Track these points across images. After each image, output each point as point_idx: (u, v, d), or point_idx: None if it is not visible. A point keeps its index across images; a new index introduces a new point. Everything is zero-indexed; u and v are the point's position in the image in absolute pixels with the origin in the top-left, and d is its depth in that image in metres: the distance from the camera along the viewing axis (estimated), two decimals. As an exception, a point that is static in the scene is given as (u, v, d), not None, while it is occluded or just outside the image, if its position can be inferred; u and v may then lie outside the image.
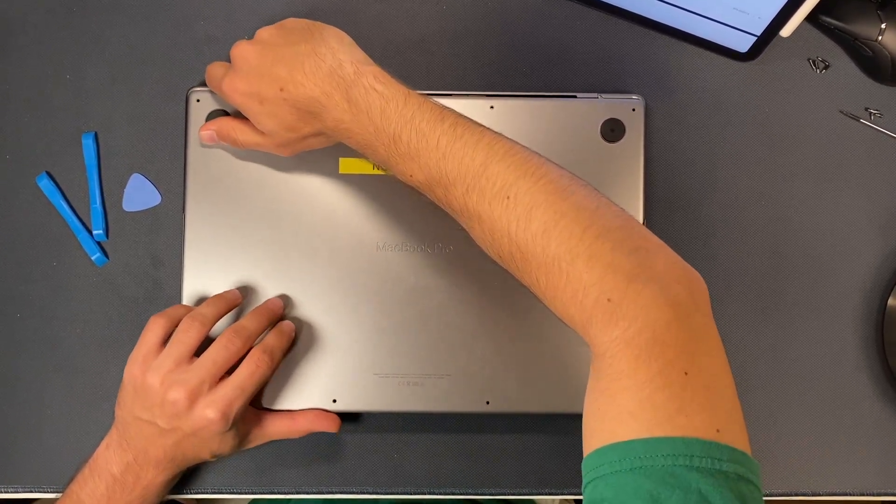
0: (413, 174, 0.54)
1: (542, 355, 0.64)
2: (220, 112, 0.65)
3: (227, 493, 0.68)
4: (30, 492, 0.68)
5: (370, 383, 0.63)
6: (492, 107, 0.65)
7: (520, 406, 0.64)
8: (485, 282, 0.64)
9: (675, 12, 0.67)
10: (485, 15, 0.71)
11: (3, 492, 0.68)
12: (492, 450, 0.68)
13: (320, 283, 0.64)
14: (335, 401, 0.63)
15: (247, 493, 0.68)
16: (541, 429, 0.67)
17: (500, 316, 0.64)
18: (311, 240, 0.64)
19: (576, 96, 0.66)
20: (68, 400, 0.68)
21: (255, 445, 0.64)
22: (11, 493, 0.68)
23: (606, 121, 0.65)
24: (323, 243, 0.64)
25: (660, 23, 0.69)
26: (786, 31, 0.65)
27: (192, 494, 0.67)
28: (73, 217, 0.68)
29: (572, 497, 0.70)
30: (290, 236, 0.64)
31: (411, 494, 0.68)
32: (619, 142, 0.65)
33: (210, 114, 0.65)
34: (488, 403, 0.64)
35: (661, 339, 0.45)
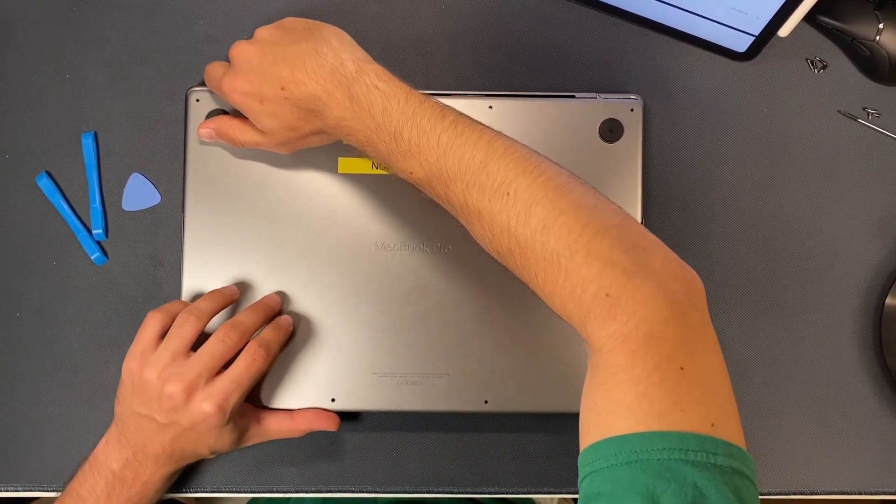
0: (413, 171, 0.55)
1: (540, 355, 0.64)
2: (220, 111, 0.65)
3: (227, 492, 0.68)
4: (29, 491, 0.68)
5: (369, 382, 0.64)
6: (490, 107, 0.65)
7: (518, 405, 0.64)
8: (484, 281, 0.64)
9: (673, 12, 0.67)
10: (484, 15, 0.71)
11: (3, 491, 0.68)
12: (490, 449, 0.68)
13: (319, 282, 0.64)
14: (334, 400, 0.64)
15: (246, 492, 0.68)
16: (539, 428, 0.67)
17: (499, 315, 0.64)
18: (310, 239, 0.65)
19: (574, 96, 0.66)
20: (68, 399, 0.68)
21: (254, 443, 0.64)
22: (11, 491, 0.68)
23: (605, 121, 0.65)
24: (322, 243, 0.64)
25: (658, 23, 0.69)
26: (784, 31, 0.65)
27: (191, 493, 0.68)
28: (73, 216, 0.69)
29: (571, 496, 0.70)
30: (290, 236, 0.65)
31: (410, 493, 0.68)
32: (618, 142, 0.65)
33: (209, 113, 0.65)
34: (487, 403, 0.64)
35: (658, 334, 0.46)
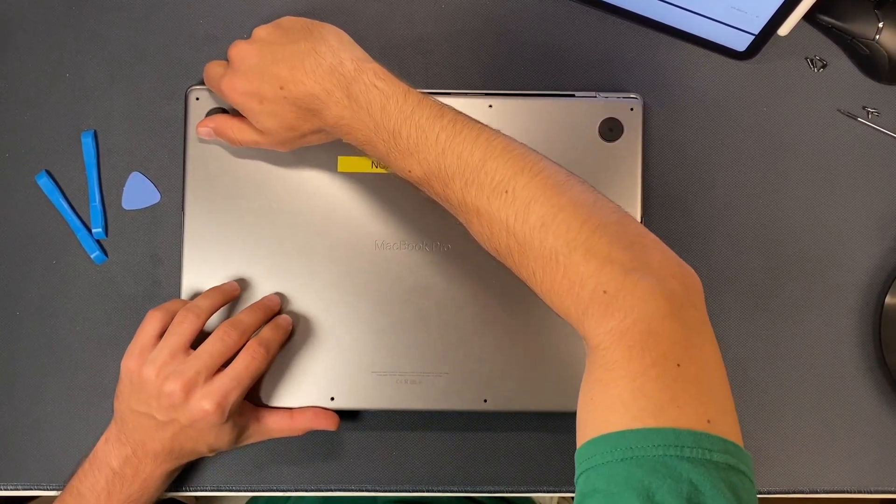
0: (412, 169, 0.55)
1: (539, 354, 0.64)
2: (219, 110, 0.65)
3: (226, 491, 0.68)
4: (29, 489, 0.68)
5: (368, 381, 0.64)
6: (490, 106, 0.65)
7: (517, 404, 0.64)
8: (483, 280, 0.64)
9: (673, 11, 0.67)
10: (483, 14, 0.71)
11: (3, 489, 0.68)
12: (490, 448, 0.68)
13: (319, 281, 0.64)
14: (333, 399, 0.64)
15: (245, 491, 0.68)
16: (538, 427, 0.67)
17: (498, 314, 0.64)
18: (309, 238, 0.65)
19: (574, 95, 0.66)
20: (67, 398, 0.68)
21: (253, 442, 0.64)
22: (11, 490, 0.68)
23: (605, 120, 0.65)
24: (322, 241, 0.64)
25: (658, 22, 0.69)
26: (783, 30, 0.65)
27: (191, 492, 0.68)
28: (73, 215, 0.69)
29: (570, 494, 0.70)
30: (289, 235, 0.65)
31: (410, 492, 0.68)
32: (618, 141, 0.65)
33: (209, 112, 0.65)
34: (486, 402, 0.64)
35: (655, 331, 0.46)
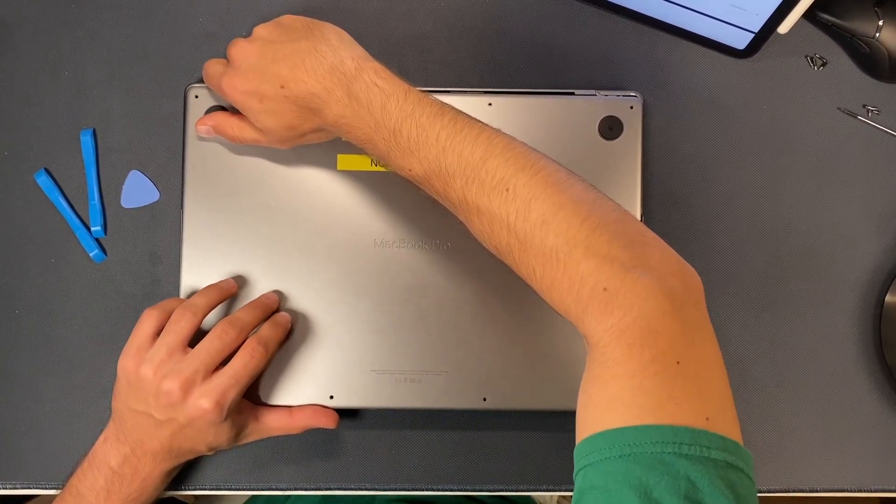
0: (412, 168, 0.55)
1: (538, 352, 0.64)
2: (218, 108, 0.65)
3: (225, 490, 0.68)
4: (28, 488, 0.68)
5: (367, 380, 0.64)
6: (490, 104, 0.65)
7: (517, 403, 0.64)
8: (482, 279, 0.64)
9: (672, 9, 0.67)
10: (482, 12, 0.71)
11: (2, 488, 0.68)
12: (489, 446, 0.68)
13: (318, 279, 0.64)
14: (332, 397, 0.63)
15: (245, 490, 0.68)
16: (538, 426, 0.67)
17: (498, 313, 0.64)
18: (309, 237, 0.64)
19: (573, 93, 0.66)
20: (66, 396, 0.68)
21: (252, 440, 0.64)
22: (10, 489, 0.68)
23: (604, 118, 0.65)
24: (321, 240, 0.64)
25: (658, 20, 0.69)
26: (783, 28, 0.65)
27: (190, 491, 0.67)
28: (72, 214, 0.68)
29: (570, 493, 0.70)
30: (289, 233, 0.64)
31: (409, 491, 0.68)
32: (617, 139, 0.65)
33: (208, 110, 0.65)
34: (485, 400, 0.64)
35: (655, 328, 0.46)
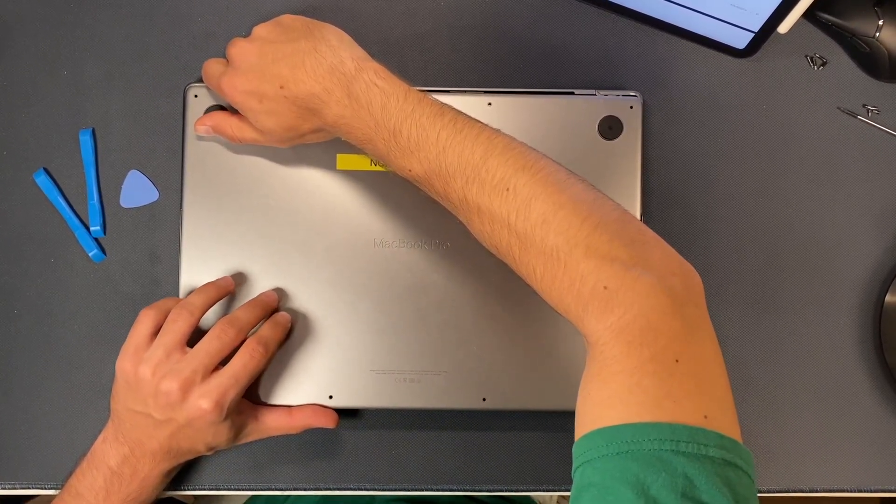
0: (412, 168, 0.55)
1: (538, 352, 0.64)
2: (218, 108, 0.65)
3: (225, 490, 0.68)
4: (27, 488, 0.68)
5: (367, 380, 0.63)
6: (489, 104, 0.65)
7: (516, 403, 0.64)
8: (482, 279, 0.64)
9: (672, 9, 0.67)
10: (482, 12, 0.71)
11: (1, 488, 0.67)
12: (489, 446, 0.68)
13: (317, 279, 0.64)
14: (332, 397, 0.63)
15: (244, 490, 0.68)
16: (537, 426, 0.67)
17: (497, 313, 0.64)
18: (308, 236, 0.64)
19: (573, 93, 0.66)
20: (66, 396, 0.68)
21: (251, 440, 0.64)
22: (9, 489, 0.67)
23: (604, 118, 0.65)
24: (320, 240, 0.64)
25: (657, 19, 0.69)
26: (783, 28, 0.65)
27: (189, 491, 0.67)
28: (71, 213, 0.68)
29: (569, 493, 0.70)
30: (288, 233, 0.64)
31: (409, 491, 0.68)
32: (617, 139, 0.65)
33: (207, 109, 0.65)
34: (485, 400, 0.63)
35: (655, 327, 0.46)
